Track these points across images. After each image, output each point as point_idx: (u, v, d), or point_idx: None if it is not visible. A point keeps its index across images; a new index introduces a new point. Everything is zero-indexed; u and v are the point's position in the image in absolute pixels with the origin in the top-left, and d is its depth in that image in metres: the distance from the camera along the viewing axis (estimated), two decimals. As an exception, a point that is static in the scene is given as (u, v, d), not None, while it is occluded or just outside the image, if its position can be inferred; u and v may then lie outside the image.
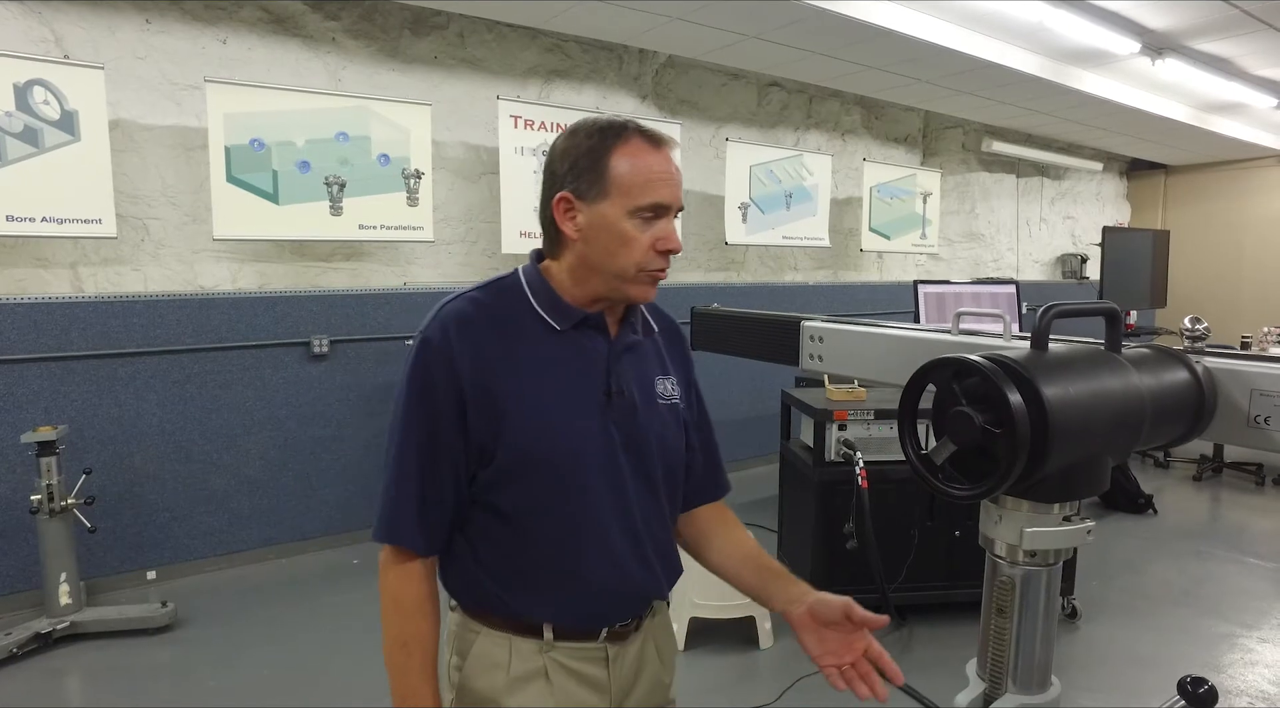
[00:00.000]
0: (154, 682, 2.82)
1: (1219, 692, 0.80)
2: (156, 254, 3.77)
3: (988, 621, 0.86)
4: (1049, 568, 0.83)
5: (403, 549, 1.07)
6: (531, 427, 1.06)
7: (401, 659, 1.06)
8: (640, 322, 1.19)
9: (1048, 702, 0.85)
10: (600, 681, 1.12)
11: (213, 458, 3.82)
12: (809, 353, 1.55)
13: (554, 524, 1.08)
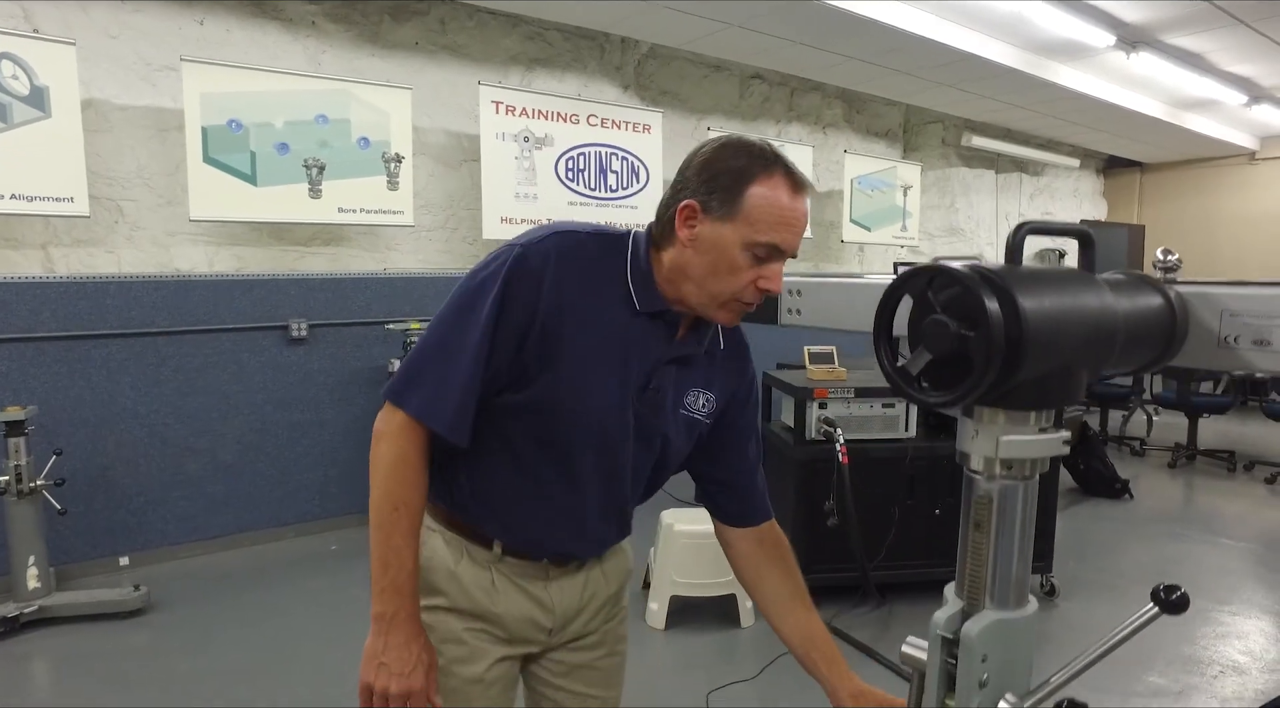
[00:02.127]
0: (125, 665, 2.77)
1: (1189, 599, 0.81)
2: (131, 236, 3.72)
3: (965, 538, 0.86)
4: (1026, 482, 0.83)
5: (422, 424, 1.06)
6: (571, 383, 1.08)
7: (391, 520, 1.05)
8: (710, 337, 1.19)
9: (1023, 617, 0.85)
10: (543, 599, 1.19)
11: (188, 442, 3.76)
12: (787, 308, 1.54)
13: (545, 473, 1.12)
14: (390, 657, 1.05)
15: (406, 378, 1.07)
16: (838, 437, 2.92)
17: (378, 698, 1.06)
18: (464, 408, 1.05)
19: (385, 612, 1.05)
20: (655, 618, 3.03)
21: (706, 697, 2.56)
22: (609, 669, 1.31)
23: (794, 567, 1.27)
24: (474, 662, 1.16)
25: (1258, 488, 5.12)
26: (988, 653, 0.83)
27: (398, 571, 1.05)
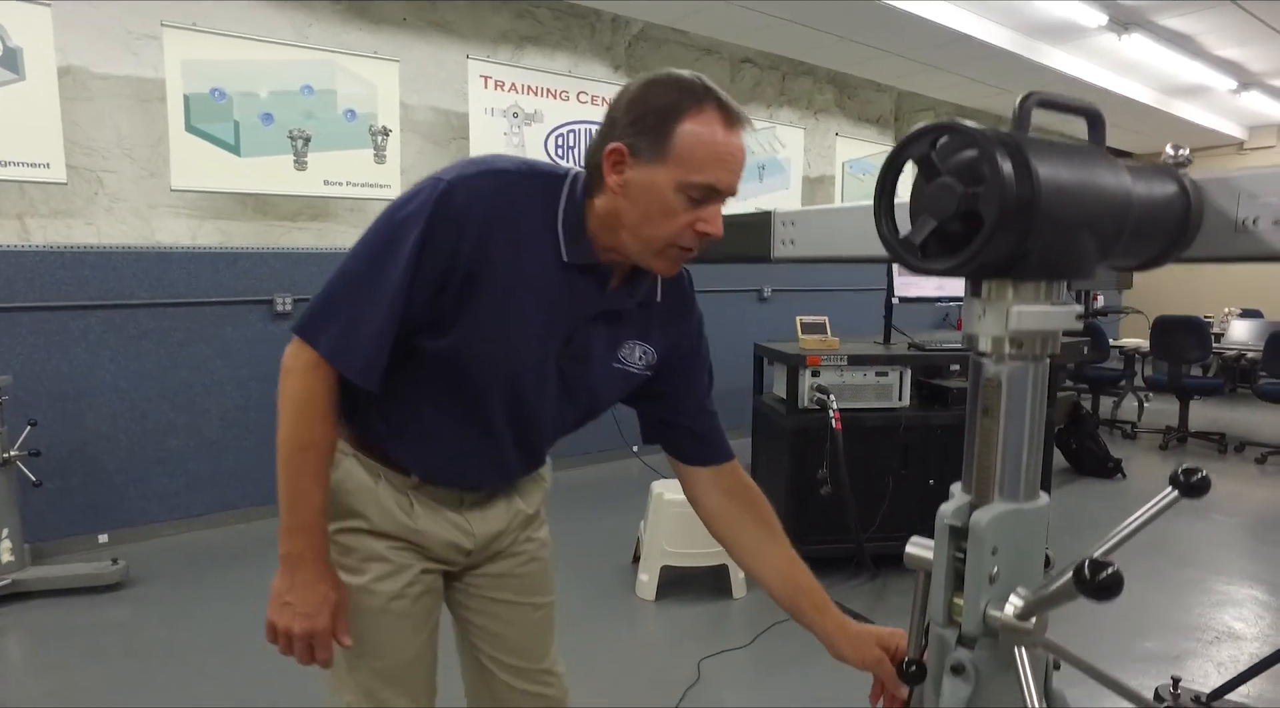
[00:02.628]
0: (103, 639, 2.70)
1: (1210, 482, 0.77)
2: (111, 208, 3.64)
3: (973, 426, 0.81)
4: (1036, 363, 0.79)
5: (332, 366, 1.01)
6: (487, 334, 1.03)
7: (299, 462, 1.03)
8: (646, 288, 1.13)
9: (1035, 509, 0.80)
10: (462, 524, 1.19)
11: (170, 418, 3.69)
12: (781, 239, 1.50)
13: (458, 417, 1.10)
14: (295, 596, 1.04)
15: (318, 314, 1.01)
16: (831, 404, 2.88)
17: (281, 638, 1.06)
18: (376, 353, 1.00)
19: (292, 552, 1.04)
20: (646, 589, 2.99)
21: (698, 665, 2.52)
22: (530, 575, 1.29)
23: (768, 513, 1.22)
24: (398, 576, 1.15)
25: (1248, 468, 5.12)
26: (998, 545, 0.78)
27: (305, 511, 1.04)
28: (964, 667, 0.82)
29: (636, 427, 1.30)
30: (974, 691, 0.82)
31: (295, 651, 1.06)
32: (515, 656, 1.30)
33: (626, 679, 2.43)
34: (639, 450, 5.01)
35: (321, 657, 1.08)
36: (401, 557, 1.15)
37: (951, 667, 0.82)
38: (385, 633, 1.15)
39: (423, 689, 1.22)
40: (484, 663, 1.31)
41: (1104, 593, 0.57)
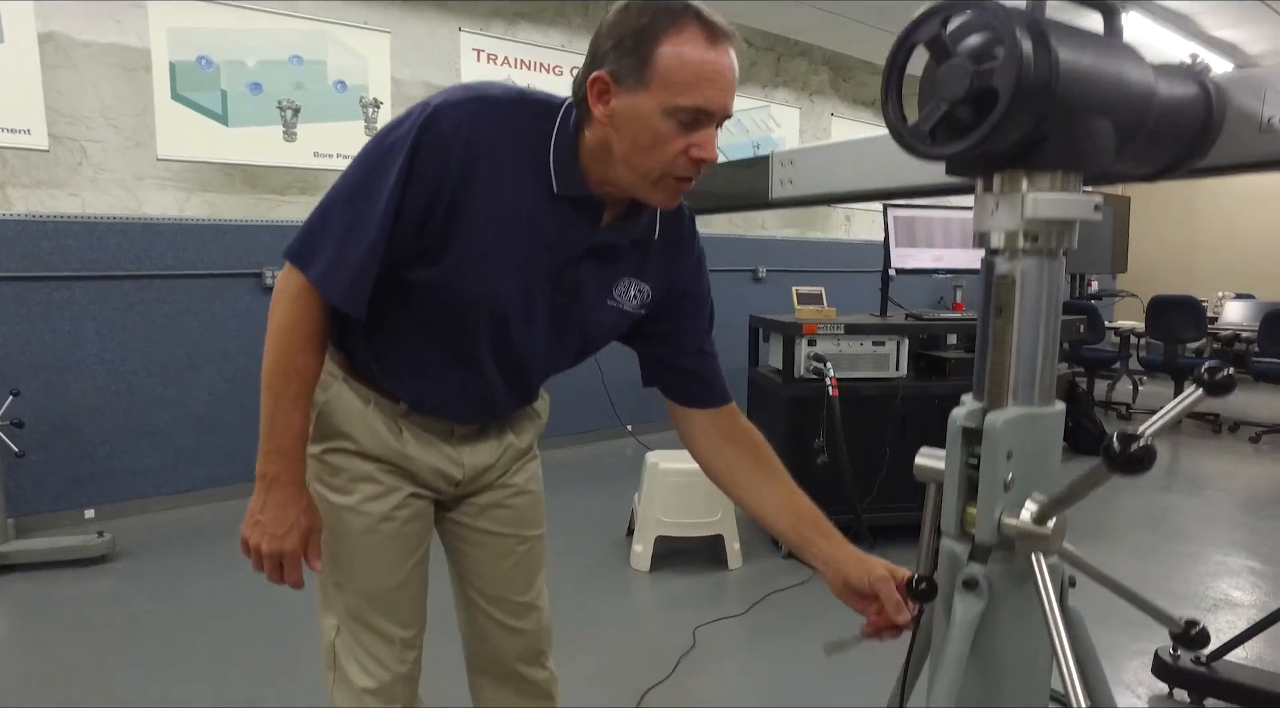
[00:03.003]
0: (89, 611, 2.65)
1: (1234, 382, 0.73)
2: (96, 179, 3.57)
3: (985, 329, 0.78)
4: (1051, 260, 0.75)
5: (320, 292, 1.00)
6: (472, 266, 1.00)
7: (280, 385, 1.02)
8: (643, 225, 1.09)
9: (1051, 413, 0.77)
10: (452, 455, 1.18)
11: (156, 392, 3.63)
12: (779, 180, 1.46)
13: (445, 349, 1.09)
14: (266, 516, 1.04)
15: (308, 239, 1.00)
16: (827, 371, 2.85)
17: (252, 554, 1.06)
18: (361, 281, 0.98)
19: (267, 472, 1.04)
20: (640, 560, 2.95)
21: (693, 632, 2.49)
22: (519, 507, 1.27)
23: (768, 451, 1.19)
24: (386, 498, 1.14)
25: (1243, 446, 5.12)
26: (1013, 449, 0.75)
27: (283, 434, 1.03)
28: (977, 582, 0.78)
29: (631, 405, 1.27)
30: (987, 607, 0.78)
31: (265, 569, 1.07)
32: (498, 587, 1.28)
33: (620, 647, 2.40)
34: (633, 429, 4.97)
35: (290, 577, 1.08)
36: (390, 479, 1.14)
37: (964, 582, 0.79)
38: (373, 555, 1.14)
39: (410, 617, 1.20)
40: (470, 596, 1.30)
41: (1135, 466, 0.53)
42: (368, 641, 1.16)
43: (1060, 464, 0.81)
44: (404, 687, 1.19)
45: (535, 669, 1.35)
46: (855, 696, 2.13)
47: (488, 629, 1.30)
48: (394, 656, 1.17)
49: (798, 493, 1.13)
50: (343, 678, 1.17)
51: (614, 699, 2.09)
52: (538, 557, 1.32)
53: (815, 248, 6.43)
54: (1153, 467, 0.54)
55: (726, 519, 2.95)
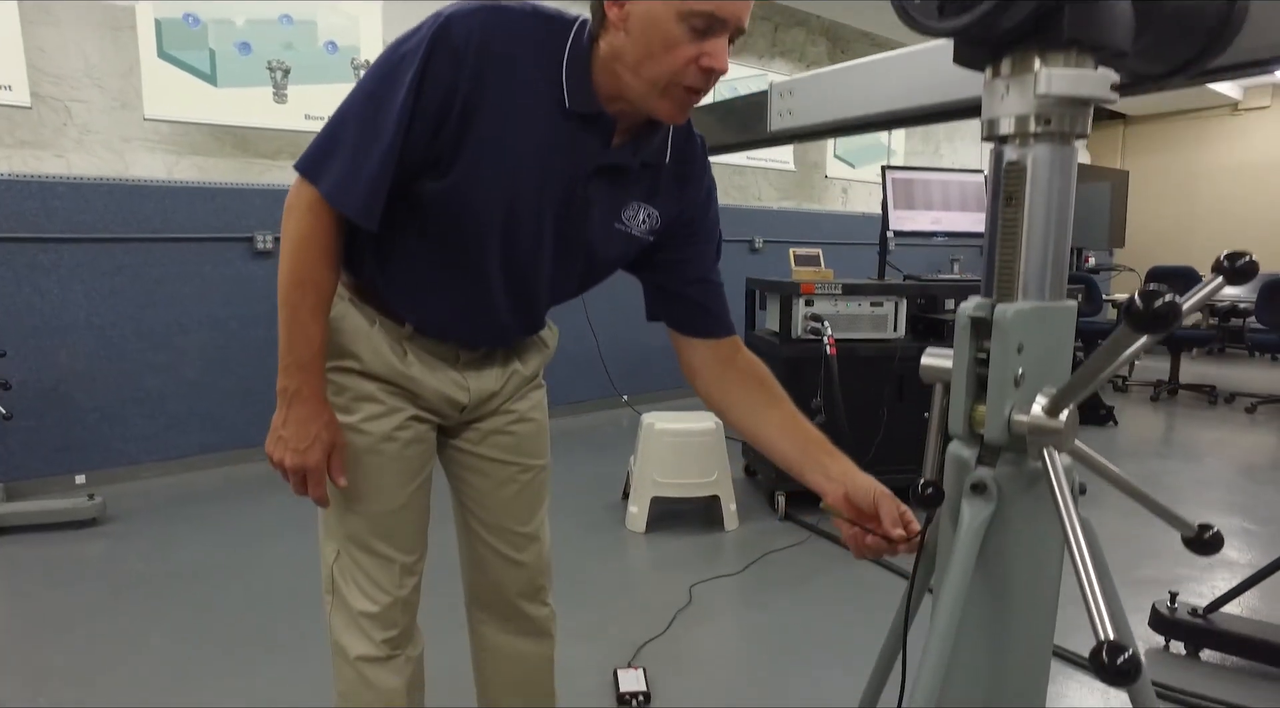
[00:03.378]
0: (80, 571, 2.63)
1: (1258, 266, 0.70)
2: (81, 140, 3.51)
3: (994, 221, 0.75)
4: (1064, 146, 0.72)
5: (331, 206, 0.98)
6: (485, 176, 0.99)
7: (296, 298, 1.01)
8: (654, 147, 1.08)
9: (1063, 308, 0.74)
10: (458, 379, 1.16)
11: (147, 357, 3.59)
12: (778, 112, 1.42)
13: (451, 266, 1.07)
14: (289, 431, 1.04)
15: (320, 152, 0.99)
16: (825, 330, 2.82)
17: (278, 469, 1.06)
18: (375, 192, 0.97)
19: (288, 387, 1.04)
20: (636, 521, 2.94)
21: (689, 590, 2.48)
22: (523, 435, 1.26)
23: (771, 379, 1.17)
24: (389, 418, 1.13)
25: (1238, 416, 5.13)
26: (1024, 343, 0.72)
27: (303, 348, 1.03)
28: (985, 485, 0.76)
29: (627, 375, 1.25)
30: (995, 511, 0.76)
31: (290, 484, 1.07)
32: (499, 516, 1.26)
33: (616, 604, 2.39)
34: (629, 399, 4.95)
35: (314, 492, 1.07)
36: (393, 400, 1.13)
37: (972, 486, 0.76)
38: (375, 476, 1.12)
39: (411, 543, 1.18)
40: (472, 526, 1.28)
41: (1160, 322, 0.51)
42: (367, 564, 1.14)
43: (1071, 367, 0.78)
44: (403, 613, 1.17)
45: (535, 605, 1.34)
46: (852, 650, 2.12)
47: (488, 561, 1.29)
48: (393, 580, 1.15)
49: (800, 417, 1.11)
50: (341, 603, 1.16)
51: (610, 653, 2.08)
52: (540, 488, 1.30)
53: (812, 219, 6.39)
54: (1177, 325, 0.51)
55: (723, 480, 2.94)
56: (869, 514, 0.98)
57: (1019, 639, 0.79)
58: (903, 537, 0.94)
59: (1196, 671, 2.03)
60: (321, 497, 1.08)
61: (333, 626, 1.18)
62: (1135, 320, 0.51)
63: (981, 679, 0.81)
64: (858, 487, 0.99)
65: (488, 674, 1.38)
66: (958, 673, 0.80)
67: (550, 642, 1.38)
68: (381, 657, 1.16)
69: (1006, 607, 0.79)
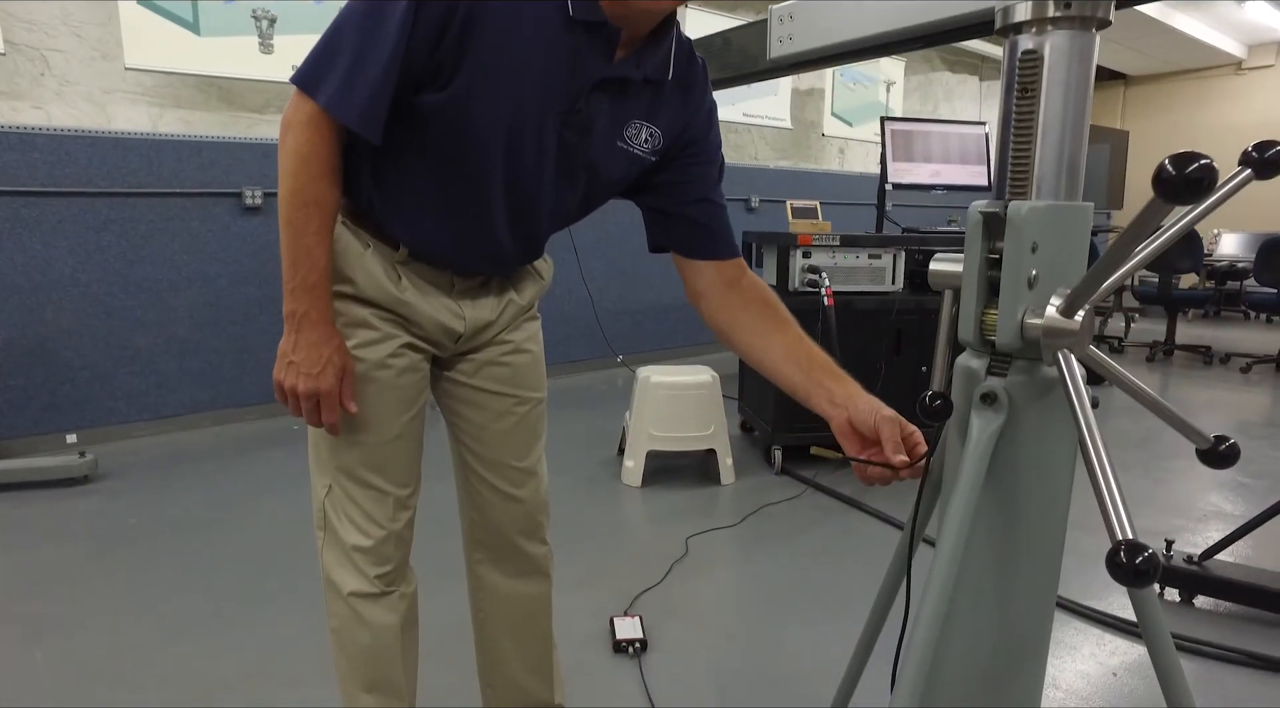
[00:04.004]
0: (70, 526, 2.61)
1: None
2: (61, 92, 3.41)
3: (1008, 116, 0.71)
4: (1083, 33, 0.68)
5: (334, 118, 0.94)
6: (487, 87, 0.95)
7: (300, 219, 0.97)
8: (657, 62, 1.04)
9: (1079, 207, 0.71)
10: (453, 307, 1.13)
11: (136, 315, 3.54)
12: (777, 38, 1.37)
13: (451, 184, 1.03)
14: (300, 356, 1.01)
15: (318, 64, 0.94)
16: (823, 281, 2.78)
17: (289, 398, 1.03)
18: (378, 101, 0.93)
19: (296, 310, 1.00)
20: (632, 476, 2.93)
21: (685, 541, 2.47)
22: (518, 367, 1.23)
23: (776, 302, 1.13)
24: (382, 344, 1.09)
25: (1233, 376, 5.13)
26: (1039, 242, 0.69)
27: (309, 270, 0.99)
28: (995, 396, 0.73)
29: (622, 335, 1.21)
30: (1006, 422, 0.73)
31: (303, 411, 1.04)
32: (496, 451, 1.24)
33: (613, 556, 2.39)
34: (624, 359, 4.92)
35: (328, 418, 1.04)
36: (386, 327, 1.10)
37: (981, 396, 0.74)
38: (369, 404, 1.09)
39: (405, 476, 1.15)
40: (469, 463, 1.26)
41: (1194, 188, 0.47)
42: (360, 497, 1.12)
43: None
44: (396, 547, 1.15)
45: (534, 544, 1.32)
46: (848, 602, 2.12)
47: (485, 498, 1.26)
48: (386, 514, 1.13)
49: (806, 339, 1.08)
50: (333, 537, 1.13)
51: (605, 602, 2.08)
52: (537, 422, 1.27)
53: (809, 178, 6.31)
54: (1210, 194, 0.48)
55: (719, 434, 2.92)
56: (871, 439, 0.95)
57: (1027, 558, 0.77)
58: (904, 463, 0.91)
59: (1190, 616, 2.04)
60: (335, 423, 1.05)
61: (325, 562, 1.15)
62: (1167, 188, 0.48)
63: (988, 600, 0.79)
64: (860, 411, 0.96)
65: (485, 615, 1.36)
66: (963, 595, 0.78)
67: (548, 583, 1.36)
68: (375, 593, 1.14)
69: (1015, 524, 0.77)
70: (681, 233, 1.14)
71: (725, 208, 1.17)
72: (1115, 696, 1.70)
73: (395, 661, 1.17)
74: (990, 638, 0.79)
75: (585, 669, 1.77)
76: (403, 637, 1.18)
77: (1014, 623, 0.79)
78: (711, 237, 1.14)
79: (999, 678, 0.81)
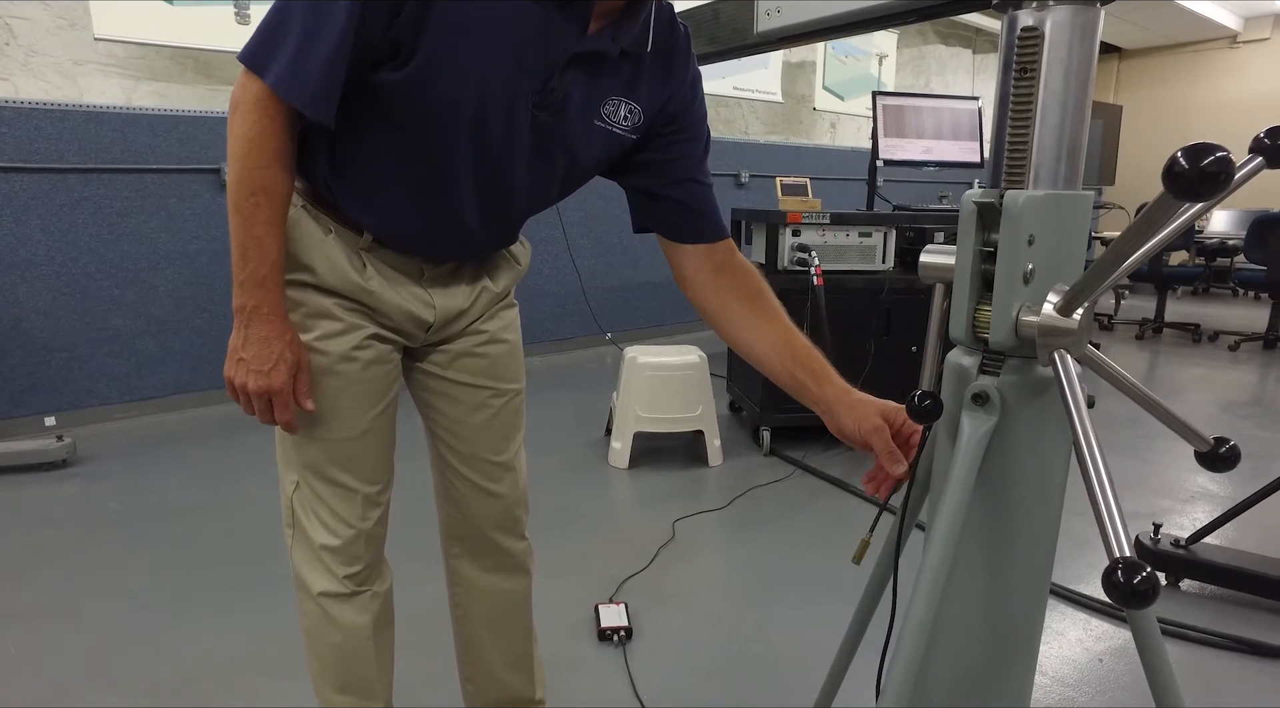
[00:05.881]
0: (48, 511, 2.56)
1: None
2: (28, 63, 3.30)
3: (1005, 97, 0.66)
4: (1086, 10, 0.63)
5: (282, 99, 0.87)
6: (451, 63, 0.88)
7: (249, 207, 0.91)
8: (635, 34, 0.97)
9: (1079, 196, 0.67)
10: (421, 295, 1.08)
11: (114, 294, 3.46)
12: (765, 11, 1.31)
13: (416, 167, 0.97)
14: (249, 352, 0.96)
15: (266, 40, 0.87)
16: (812, 260, 2.74)
17: (241, 395, 0.98)
18: (330, 81, 0.87)
19: (245, 305, 0.95)
20: (619, 457, 2.90)
21: (673, 525, 2.45)
22: (495, 357, 1.18)
23: (764, 287, 1.10)
24: (346, 336, 1.04)
25: (1221, 354, 5.13)
26: (1035, 234, 0.65)
27: (259, 262, 0.93)
28: (987, 396, 0.69)
29: (610, 313, 1.16)
30: (998, 424, 0.70)
31: (255, 410, 0.99)
32: (472, 445, 1.20)
33: (598, 540, 2.36)
34: (613, 337, 4.88)
35: (282, 417, 1.00)
36: (350, 317, 1.04)
37: (973, 396, 0.70)
38: (333, 399, 1.04)
39: (374, 472, 1.11)
40: (445, 458, 1.22)
41: (1211, 185, 0.43)
42: (328, 495, 1.08)
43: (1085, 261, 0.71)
44: (367, 546, 1.11)
45: (512, 539, 1.28)
46: (836, 585, 2.11)
47: (463, 495, 1.22)
48: (355, 512, 1.09)
49: (796, 334, 1.05)
50: (302, 536, 1.10)
51: (591, 588, 2.06)
52: (514, 414, 1.23)
53: (799, 153, 6.24)
54: (1227, 188, 0.44)
55: (707, 415, 2.89)
56: (863, 446, 0.92)
57: (1018, 564, 0.74)
58: (904, 475, 0.89)
59: (1178, 600, 2.04)
60: (290, 422, 1.01)
61: (294, 560, 1.12)
62: (1180, 184, 0.44)
63: (978, 606, 0.76)
64: (847, 422, 0.94)
65: (464, 611, 1.33)
66: (952, 600, 0.75)
67: (527, 578, 1.33)
68: (345, 593, 1.11)
69: (1006, 528, 0.74)
70: (666, 215, 1.10)
71: (711, 186, 1.12)
72: (1102, 682, 1.70)
73: (368, 661, 1.14)
74: (979, 643, 0.77)
75: (569, 659, 1.75)
76: (376, 636, 1.15)
77: (1003, 627, 0.76)
78: (698, 219, 1.09)
79: (989, 679, 0.79)
